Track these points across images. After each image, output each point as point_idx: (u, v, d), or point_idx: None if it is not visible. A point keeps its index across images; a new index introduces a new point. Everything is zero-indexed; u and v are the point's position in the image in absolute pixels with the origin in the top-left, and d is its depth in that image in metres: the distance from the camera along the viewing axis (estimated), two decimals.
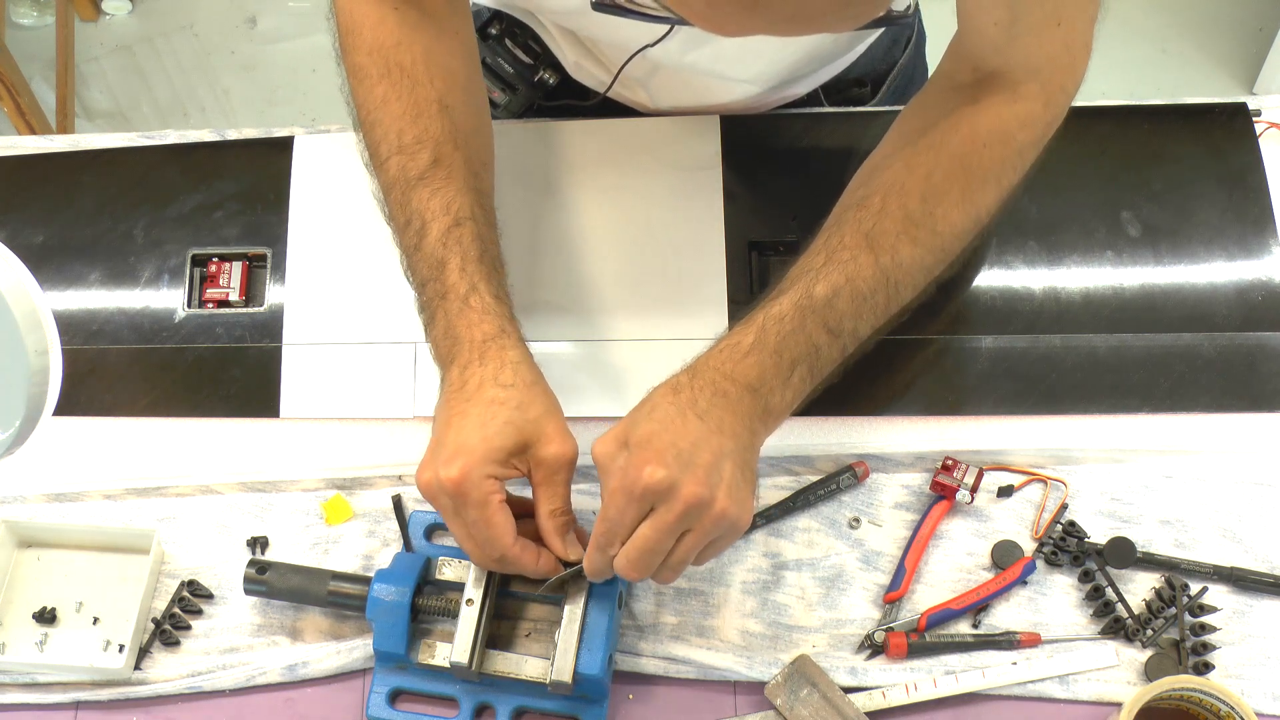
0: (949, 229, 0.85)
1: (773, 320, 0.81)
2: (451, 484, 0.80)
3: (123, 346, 1.03)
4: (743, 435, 0.80)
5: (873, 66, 1.14)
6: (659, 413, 0.79)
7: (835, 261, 0.83)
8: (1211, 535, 0.94)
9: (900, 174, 0.85)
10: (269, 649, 0.93)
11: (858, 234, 0.84)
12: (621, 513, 0.78)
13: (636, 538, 0.78)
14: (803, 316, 0.82)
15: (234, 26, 2.60)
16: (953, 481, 0.94)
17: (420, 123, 0.88)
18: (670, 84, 1.06)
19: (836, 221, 0.86)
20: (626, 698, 0.91)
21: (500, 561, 0.84)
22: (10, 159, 1.12)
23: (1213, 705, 0.83)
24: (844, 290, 0.82)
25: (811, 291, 0.82)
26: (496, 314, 0.85)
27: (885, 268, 0.83)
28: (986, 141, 0.86)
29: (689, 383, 0.80)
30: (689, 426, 0.78)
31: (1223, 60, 2.48)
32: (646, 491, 0.76)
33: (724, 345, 0.82)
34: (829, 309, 0.82)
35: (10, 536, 0.95)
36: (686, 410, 0.78)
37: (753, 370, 0.80)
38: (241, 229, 1.06)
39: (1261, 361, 0.98)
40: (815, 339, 0.82)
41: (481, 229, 0.87)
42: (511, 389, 0.82)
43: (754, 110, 1.10)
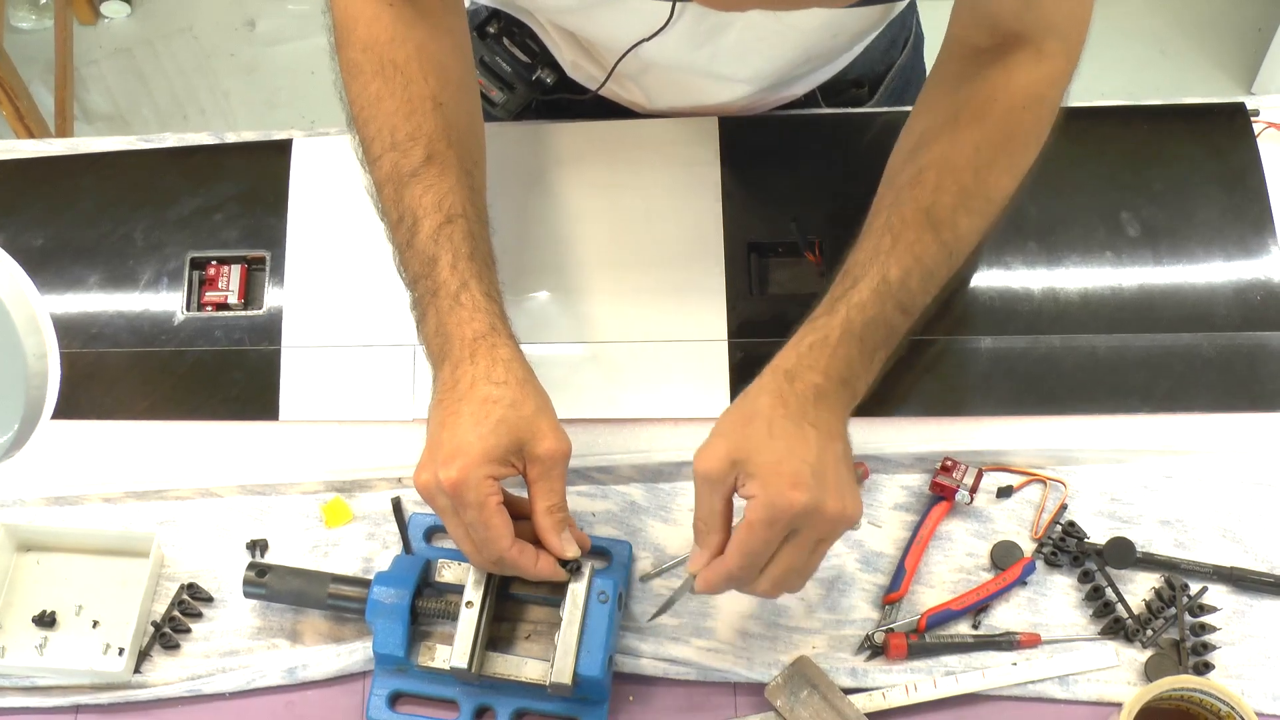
0: (1000, 194, 0.88)
1: (855, 309, 0.83)
2: (450, 485, 0.80)
3: (122, 350, 1.03)
4: (844, 432, 0.82)
5: (871, 68, 1.14)
6: (778, 429, 0.79)
7: (903, 242, 0.84)
8: (1211, 535, 0.94)
9: (947, 149, 0.87)
10: (269, 652, 0.93)
11: (918, 212, 0.85)
12: (766, 544, 0.79)
13: (780, 561, 0.80)
14: (881, 301, 0.83)
15: (233, 29, 2.60)
16: (952, 482, 0.94)
17: (413, 120, 0.88)
18: (666, 83, 1.06)
19: (894, 201, 0.86)
20: (626, 699, 0.91)
21: (498, 563, 0.84)
22: (9, 162, 1.12)
23: (1213, 705, 0.82)
24: (914, 270, 0.84)
25: (887, 275, 0.83)
26: (487, 311, 0.84)
27: (947, 242, 0.85)
28: (1024, 104, 0.87)
29: (791, 389, 0.81)
30: (810, 441, 0.79)
31: (1221, 60, 2.48)
32: (793, 519, 0.78)
33: (812, 341, 0.82)
34: (903, 290, 0.84)
35: (10, 540, 0.95)
36: (803, 423, 0.79)
37: (843, 363, 0.82)
38: (240, 232, 1.06)
39: (1261, 361, 0.98)
40: (892, 321, 0.84)
41: (473, 226, 0.87)
42: (504, 386, 0.82)
43: (751, 111, 1.10)
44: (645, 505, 0.97)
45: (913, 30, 1.19)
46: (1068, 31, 0.88)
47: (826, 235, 1.02)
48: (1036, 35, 0.87)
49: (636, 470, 0.98)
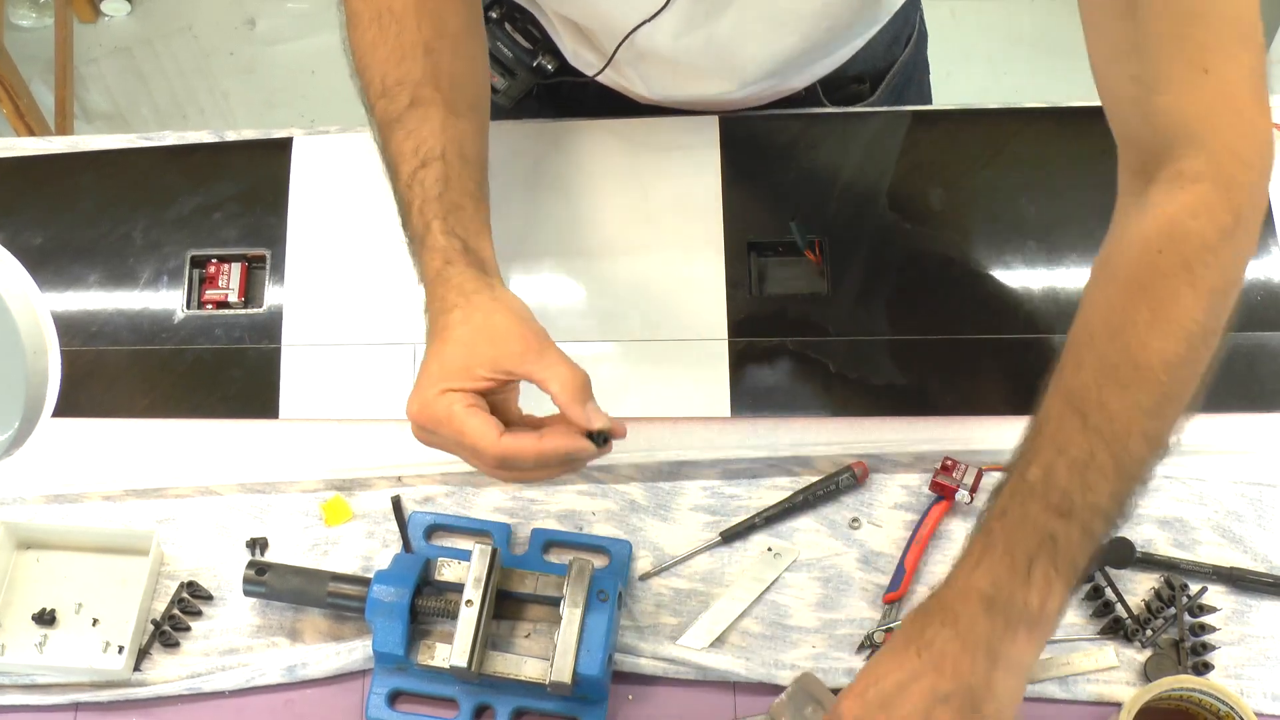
0: (1154, 358, 0.72)
1: (995, 518, 0.74)
2: (414, 417, 0.78)
3: (122, 348, 1.03)
4: (970, 670, 0.71)
5: (872, 64, 1.14)
6: (886, 647, 0.74)
7: (1043, 436, 0.74)
8: (1211, 535, 0.94)
9: (1085, 319, 0.76)
10: (268, 650, 0.93)
11: (1060, 400, 0.74)
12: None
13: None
14: (1024, 505, 0.73)
15: (233, 28, 2.60)
16: (952, 482, 0.94)
17: (402, 66, 0.87)
18: (665, 71, 1.06)
19: (1044, 395, 0.76)
20: (626, 698, 0.91)
21: (505, 462, 0.77)
22: (9, 161, 1.12)
23: (1212, 705, 0.83)
24: (1057, 464, 0.73)
25: (1025, 476, 0.73)
26: (444, 249, 0.83)
27: (1097, 426, 0.72)
28: (1159, 247, 0.73)
29: (924, 610, 0.74)
30: (903, 672, 0.72)
31: None
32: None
33: (959, 563, 0.75)
34: (1048, 488, 0.72)
35: (10, 538, 0.95)
36: (911, 644, 0.72)
37: (985, 579, 0.72)
38: (240, 230, 1.06)
39: (1261, 361, 0.98)
40: (1046, 526, 0.72)
41: (449, 168, 0.85)
42: (456, 309, 0.80)
43: (752, 104, 1.10)
44: (645, 504, 0.97)
45: (916, 28, 1.19)
46: (1214, 143, 0.72)
47: (826, 235, 1.02)
48: (1175, 151, 0.73)
49: (636, 469, 0.98)
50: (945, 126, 1.09)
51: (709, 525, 0.96)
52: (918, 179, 1.06)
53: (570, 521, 0.97)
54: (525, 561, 0.93)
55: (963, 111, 1.10)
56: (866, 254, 1.02)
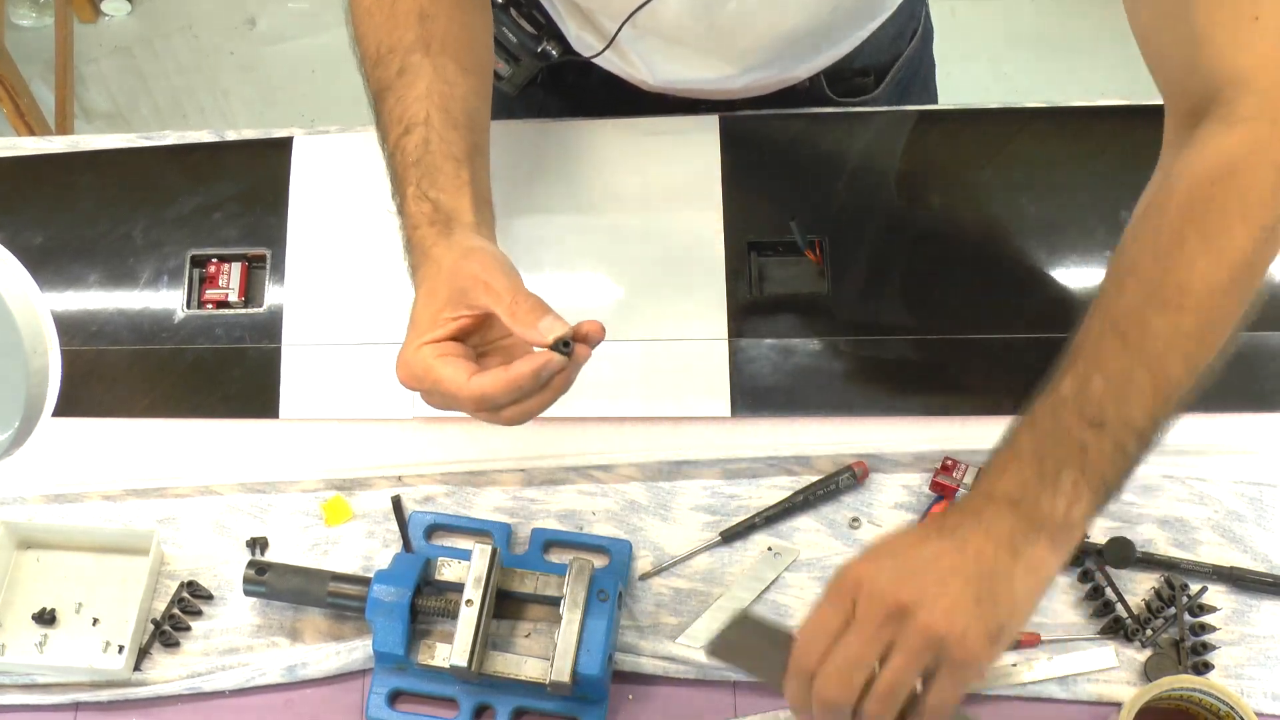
0: (1199, 282, 0.73)
1: (1025, 427, 0.74)
2: (400, 379, 0.80)
3: (122, 347, 1.03)
4: (992, 557, 0.70)
5: (877, 57, 1.14)
6: (908, 531, 0.74)
7: (1081, 354, 0.75)
8: (1211, 535, 0.94)
9: (1130, 247, 0.77)
10: (268, 650, 0.93)
11: (1102, 321, 0.75)
12: (832, 617, 0.71)
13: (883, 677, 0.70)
14: (1055, 415, 0.73)
15: (233, 27, 2.60)
16: (952, 481, 0.94)
17: (395, 33, 0.88)
18: (668, 53, 1.06)
19: (1087, 314, 0.77)
20: (626, 698, 0.91)
21: (481, 401, 0.76)
22: (9, 160, 1.12)
23: (1212, 705, 0.83)
24: (1093, 378, 0.73)
25: (1059, 388, 0.74)
26: (413, 214, 0.83)
27: (1137, 344, 0.73)
28: (1212, 179, 0.74)
29: (945, 513, 0.74)
30: (925, 541, 0.72)
31: None
32: (864, 603, 0.70)
33: (984, 467, 0.75)
34: (1083, 400, 0.73)
35: (10, 537, 0.95)
36: (933, 529, 0.73)
37: (1011, 482, 0.72)
38: (241, 230, 1.06)
39: (1261, 361, 0.98)
40: (1078, 436, 0.72)
41: (431, 133, 0.85)
42: (420, 268, 0.81)
43: (756, 93, 1.09)
44: (645, 504, 0.97)
45: (921, 22, 1.19)
46: (1268, 86, 0.74)
47: (826, 235, 1.02)
48: (1225, 94, 0.75)
49: (636, 469, 0.98)
50: (946, 126, 1.09)
51: (709, 525, 0.96)
52: (918, 178, 1.06)
53: (570, 521, 0.97)
54: (525, 561, 0.93)
55: (963, 111, 1.10)
56: (867, 254, 1.02)
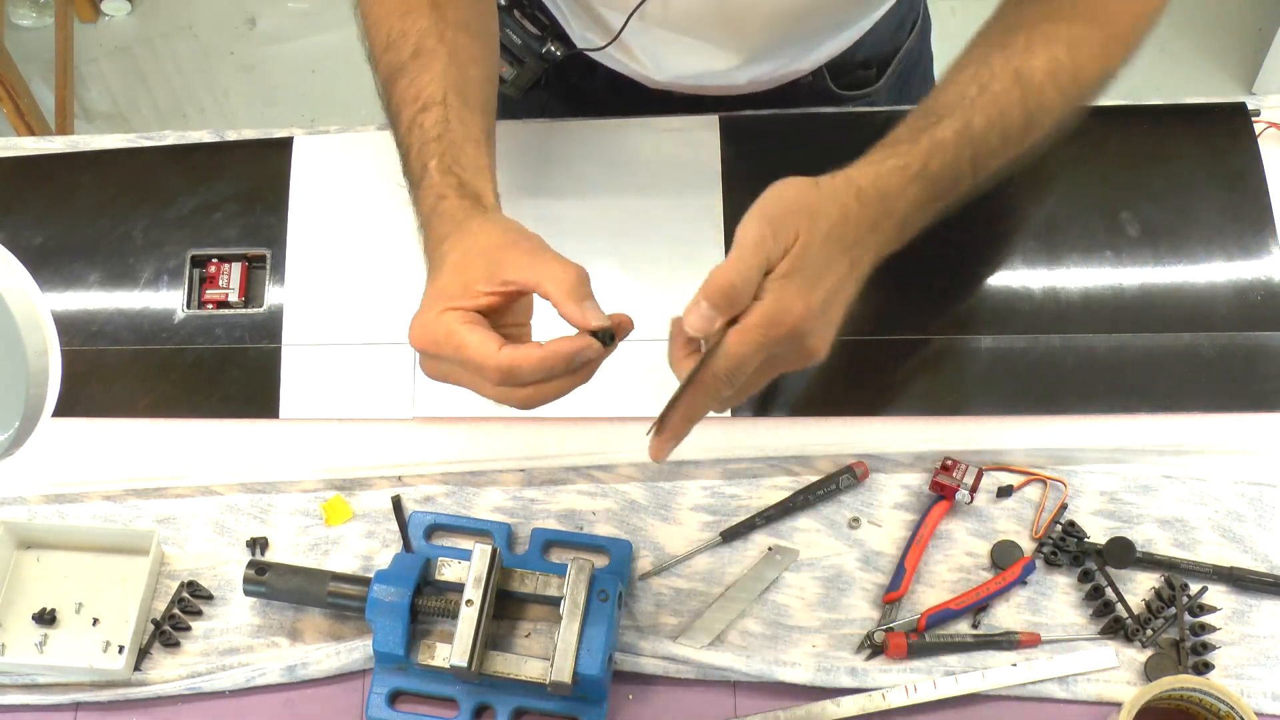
0: (1088, 79, 0.83)
1: (938, 148, 0.78)
2: (415, 341, 0.76)
3: (122, 347, 1.03)
4: (866, 273, 0.77)
5: (879, 49, 1.14)
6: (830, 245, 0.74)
7: (989, 94, 0.80)
8: (1211, 535, 0.94)
9: (1040, 16, 0.83)
10: (268, 650, 0.93)
11: (1007, 69, 0.81)
12: (756, 351, 0.72)
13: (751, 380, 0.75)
14: (960, 148, 0.79)
15: (233, 27, 2.60)
16: (952, 481, 0.94)
17: (407, 19, 0.87)
18: (672, 50, 1.06)
19: (982, 57, 0.82)
20: (626, 698, 0.91)
21: (508, 375, 0.73)
22: (9, 160, 1.12)
23: (1213, 705, 0.83)
24: (997, 125, 0.80)
25: (971, 122, 0.79)
26: (438, 185, 0.81)
27: (1031, 110, 0.81)
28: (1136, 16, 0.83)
29: (858, 209, 0.76)
30: (839, 274, 0.74)
31: (1222, 60, 2.48)
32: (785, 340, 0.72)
33: (892, 166, 0.78)
34: (983, 143, 0.80)
35: (10, 537, 0.95)
36: (847, 252, 0.75)
37: (912, 200, 0.78)
38: (241, 230, 1.06)
39: (1261, 361, 0.98)
40: (962, 172, 0.79)
41: (451, 113, 0.84)
42: (449, 238, 0.79)
43: (761, 87, 1.09)
44: (645, 504, 0.97)
45: (920, 14, 1.20)
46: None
47: None
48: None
49: (637, 469, 0.98)
50: None
51: (709, 525, 0.96)
52: None
53: (570, 521, 0.97)
54: (525, 561, 0.93)
55: None
56: None
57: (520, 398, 0.75)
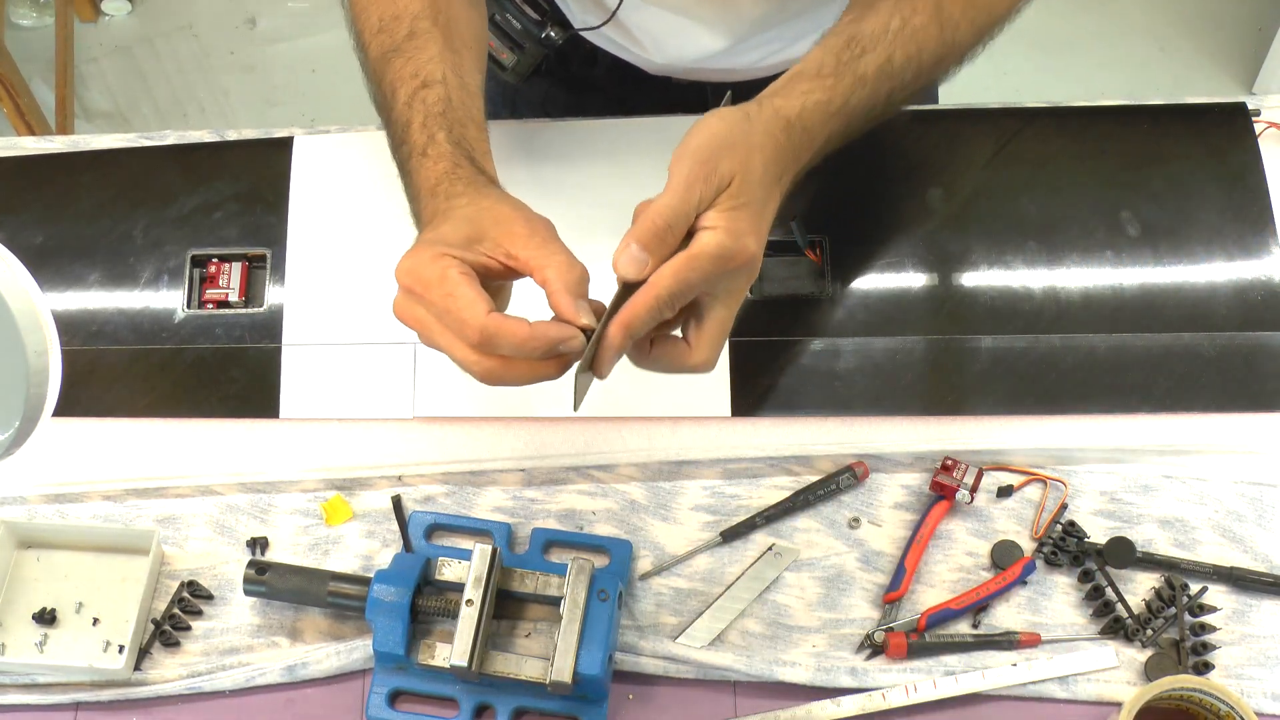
0: (996, 18, 0.86)
1: (859, 83, 0.80)
2: (402, 278, 0.74)
3: (122, 347, 1.03)
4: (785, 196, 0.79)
5: None
6: (765, 177, 0.75)
7: (909, 28, 0.82)
8: (1211, 535, 0.94)
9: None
10: (269, 650, 0.93)
11: (929, 3, 0.83)
12: (703, 280, 0.72)
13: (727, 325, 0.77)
14: (879, 82, 0.81)
15: (233, 27, 2.60)
16: (952, 481, 0.94)
17: (399, 3, 0.88)
18: (668, 28, 1.06)
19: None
20: (626, 698, 0.91)
21: (488, 340, 0.72)
22: (9, 160, 1.12)
23: (1213, 705, 0.83)
24: (914, 60, 0.82)
25: (892, 57, 0.81)
26: (451, 154, 0.81)
27: (947, 42, 0.83)
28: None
29: (786, 141, 0.77)
30: (774, 202, 0.77)
31: (1222, 60, 2.48)
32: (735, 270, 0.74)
33: (816, 101, 0.79)
34: (900, 78, 0.82)
35: (10, 537, 0.95)
36: (779, 181, 0.77)
37: (832, 133, 0.80)
38: (241, 230, 1.06)
39: (1261, 361, 0.98)
40: (878, 107, 0.82)
41: (452, 91, 0.84)
42: (462, 197, 0.78)
43: (761, 74, 1.09)
44: (645, 504, 0.97)
45: None
46: None
47: (827, 235, 1.02)
48: None
49: (637, 469, 0.98)
50: (945, 126, 1.09)
51: (709, 525, 0.96)
52: (918, 179, 1.06)
53: (570, 521, 0.97)
54: (526, 561, 0.93)
55: (963, 111, 1.10)
56: (867, 254, 1.02)
57: (485, 368, 0.73)
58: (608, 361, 0.73)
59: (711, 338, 0.76)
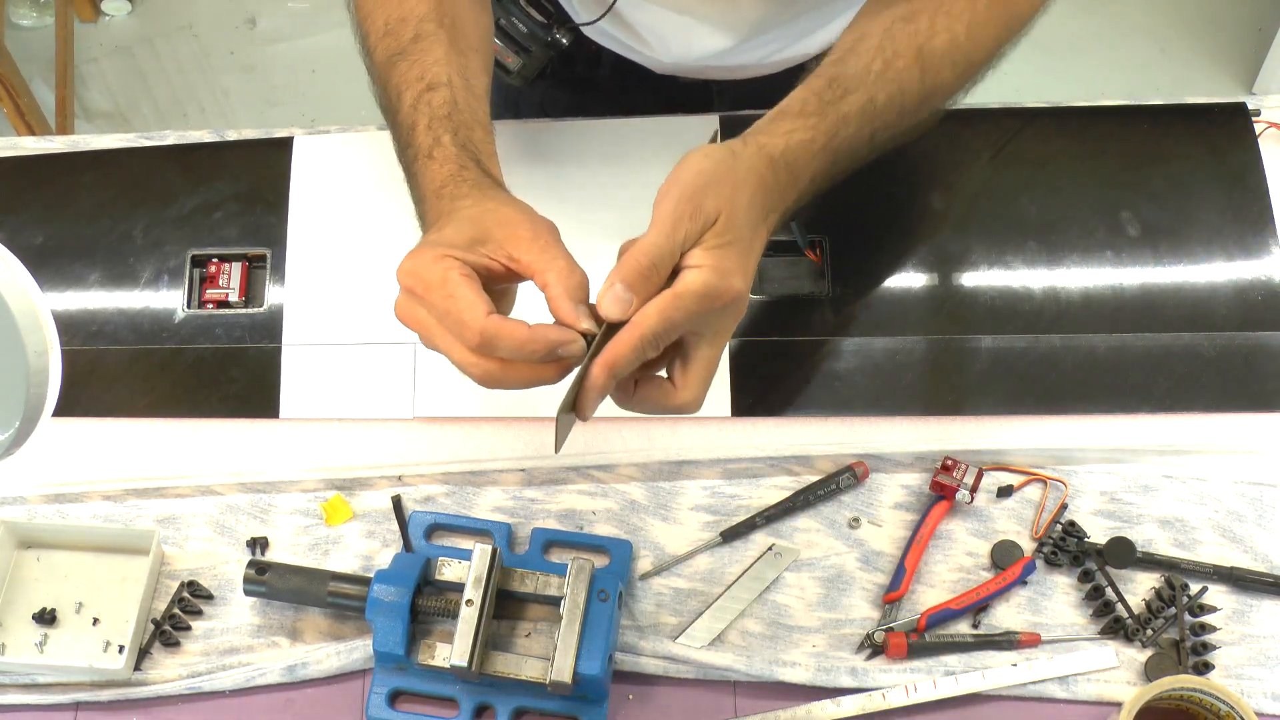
0: (982, 58, 0.86)
1: (843, 123, 0.80)
2: (403, 278, 0.74)
3: (122, 347, 1.03)
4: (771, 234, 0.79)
5: None
6: (751, 215, 0.75)
7: (892, 70, 0.82)
8: (1211, 535, 0.94)
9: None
10: (269, 650, 0.93)
11: (911, 48, 0.83)
12: (686, 319, 0.72)
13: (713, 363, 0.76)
14: (862, 123, 0.81)
15: (233, 27, 2.61)
16: (952, 481, 0.94)
17: (405, 5, 0.88)
18: (671, 26, 1.06)
19: (887, 30, 0.84)
20: (626, 698, 0.91)
21: (488, 340, 0.71)
22: (10, 160, 1.12)
23: (1213, 705, 0.83)
24: (896, 102, 0.82)
25: (874, 98, 0.81)
26: (458, 156, 0.81)
27: (928, 87, 0.83)
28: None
29: (772, 179, 0.77)
30: (760, 240, 0.76)
31: (1222, 60, 2.48)
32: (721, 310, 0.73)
33: (800, 140, 0.79)
34: (882, 119, 0.82)
35: (10, 537, 0.95)
36: (765, 219, 0.77)
37: (817, 172, 0.80)
38: (241, 230, 1.06)
39: (1261, 361, 0.98)
40: (860, 150, 0.82)
41: (458, 94, 0.84)
42: (468, 198, 0.78)
43: (765, 71, 1.09)
44: (645, 504, 0.97)
45: None
46: None
47: (827, 235, 1.02)
48: None
49: (637, 469, 0.98)
50: (945, 126, 1.08)
51: (709, 525, 0.96)
52: (918, 179, 1.06)
53: (571, 521, 0.97)
54: (526, 561, 0.93)
55: (962, 111, 1.09)
56: (867, 254, 1.02)
57: (484, 370, 0.73)
58: (590, 403, 0.73)
59: (698, 377, 0.76)
